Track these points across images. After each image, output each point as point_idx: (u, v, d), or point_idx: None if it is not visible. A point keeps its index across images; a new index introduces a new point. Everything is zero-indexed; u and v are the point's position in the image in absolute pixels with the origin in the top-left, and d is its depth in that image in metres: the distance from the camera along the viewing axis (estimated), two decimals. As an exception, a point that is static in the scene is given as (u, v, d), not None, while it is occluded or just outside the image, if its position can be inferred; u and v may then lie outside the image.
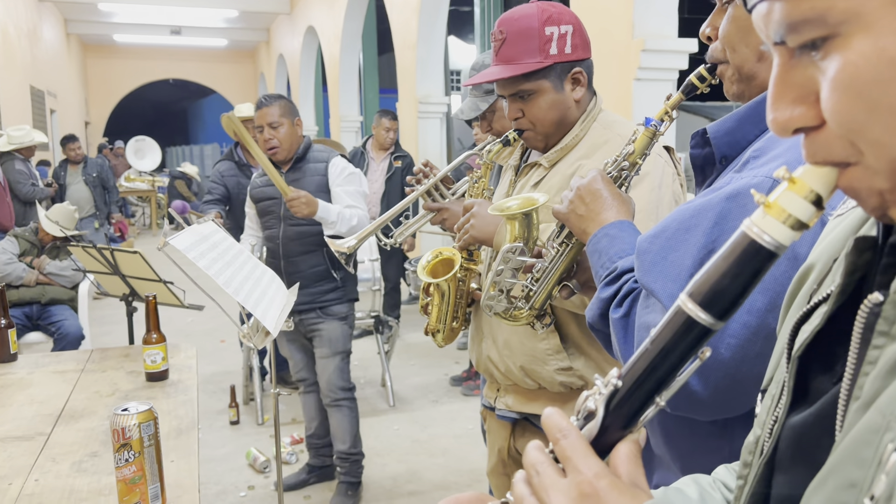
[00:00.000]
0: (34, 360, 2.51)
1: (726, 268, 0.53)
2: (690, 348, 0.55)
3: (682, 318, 0.55)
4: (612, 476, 0.54)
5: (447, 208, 2.05)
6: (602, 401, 0.57)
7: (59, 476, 1.62)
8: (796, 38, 0.47)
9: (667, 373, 0.56)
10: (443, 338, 1.78)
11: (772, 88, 0.51)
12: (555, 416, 0.58)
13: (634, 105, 3.93)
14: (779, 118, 0.50)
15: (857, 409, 0.47)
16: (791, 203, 0.50)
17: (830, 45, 0.46)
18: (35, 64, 11.14)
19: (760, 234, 0.51)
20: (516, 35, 1.54)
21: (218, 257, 1.87)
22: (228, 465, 3.56)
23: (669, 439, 1.10)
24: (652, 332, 0.57)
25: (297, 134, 2.94)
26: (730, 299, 0.53)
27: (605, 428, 0.57)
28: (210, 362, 5.16)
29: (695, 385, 0.93)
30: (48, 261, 4.47)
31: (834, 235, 0.62)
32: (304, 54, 12.47)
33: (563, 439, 0.56)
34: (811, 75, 0.48)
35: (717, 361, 0.91)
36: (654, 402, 0.57)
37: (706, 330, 0.54)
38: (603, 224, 1.17)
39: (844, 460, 0.46)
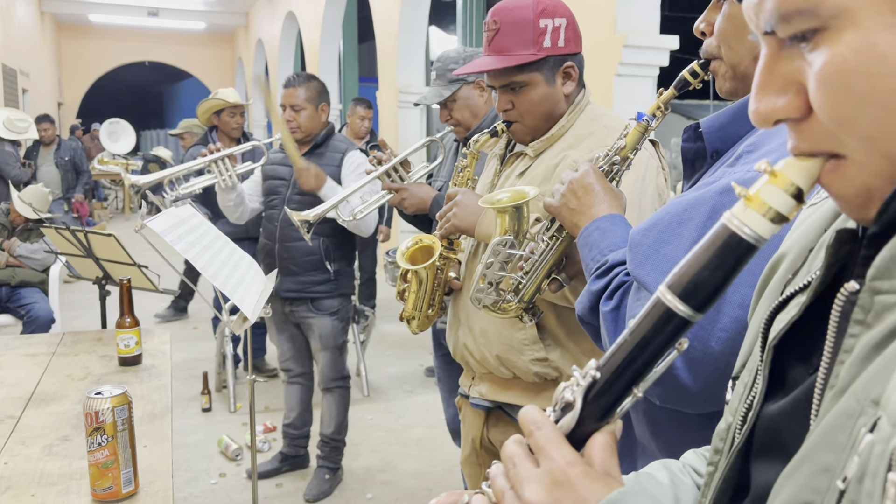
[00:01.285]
0: (3, 342, 2.46)
1: (706, 260, 0.53)
2: (669, 340, 0.56)
3: (660, 310, 0.55)
4: (584, 464, 0.55)
5: (406, 188, 2.10)
6: (580, 392, 0.58)
7: (30, 459, 1.59)
8: (787, 28, 0.48)
9: (645, 364, 0.57)
10: (417, 325, 1.78)
11: (757, 78, 0.51)
12: (531, 411, 0.59)
13: (615, 100, 3.94)
14: (762, 108, 0.51)
15: (833, 397, 0.48)
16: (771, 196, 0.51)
17: (821, 37, 0.46)
18: (7, 42, 10.90)
19: (741, 227, 0.52)
20: (510, 25, 1.53)
21: (196, 241, 1.85)
22: (200, 453, 3.53)
23: (656, 430, 1.11)
24: (630, 323, 0.57)
25: (319, 119, 2.91)
26: (709, 291, 0.54)
27: (583, 419, 0.58)
28: (182, 349, 5.10)
29: (685, 378, 0.94)
30: (19, 243, 4.38)
31: (808, 225, 0.63)
32: (283, 40, 12.33)
33: (537, 431, 0.57)
34: (798, 67, 0.49)
35: (707, 355, 0.92)
36: (631, 394, 0.58)
37: (684, 321, 0.55)
38: (594, 218, 1.17)
39: (818, 446, 0.47)
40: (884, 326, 0.45)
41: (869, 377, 0.44)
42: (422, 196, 2.10)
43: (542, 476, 0.55)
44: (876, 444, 0.40)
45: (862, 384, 0.45)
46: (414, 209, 2.12)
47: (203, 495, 3.14)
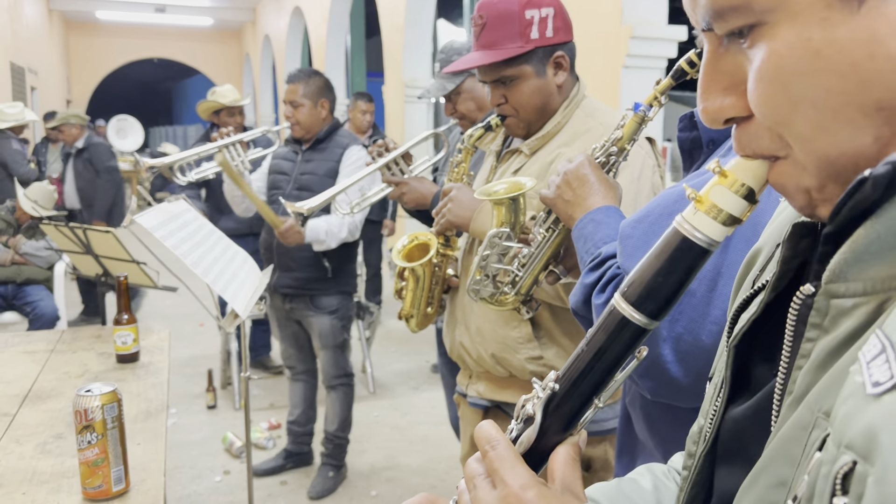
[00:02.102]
0: (4, 339, 2.45)
1: (659, 266, 0.52)
2: (626, 349, 0.54)
3: (616, 319, 0.54)
4: (539, 486, 0.53)
5: (406, 182, 2.07)
6: (540, 405, 0.57)
7: (23, 457, 1.58)
8: (723, 25, 0.46)
9: (603, 375, 0.55)
10: (416, 323, 1.76)
11: (701, 77, 0.49)
12: (486, 427, 0.58)
13: (622, 92, 3.90)
14: (709, 108, 0.49)
15: (790, 404, 0.46)
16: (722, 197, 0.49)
17: (757, 33, 0.44)
18: (15, 40, 10.94)
19: (692, 231, 0.50)
20: (496, 19, 1.51)
21: (187, 237, 1.82)
22: (204, 450, 3.52)
23: (652, 425, 1.10)
24: (588, 332, 0.56)
25: (318, 116, 2.88)
26: (663, 298, 0.52)
27: (544, 432, 0.57)
28: (188, 345, 5.10)
29: (675, 372, 0.92)
30: (24, 240, 4.38)
31: (782, 218, 0.60)
32: (290, 36, 12.32)
33: (491, 451, 0.56)
34: (740, 64, 0.47)
35: (698, 348, 0.91)
36: (592, 405, 0.57)
37: (641, 330, 0.53)
38: (589, 209, 1.16)
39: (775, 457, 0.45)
40: (840, 332, 0.43)
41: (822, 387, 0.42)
42: (422, 191, 2.07)
43: (497, 501, 0.54)
44: (823, 465, 0.38)
45: (816, 394, 0.43)
46: (413, 204, 2.09)
47: (207, 493, 3.12)
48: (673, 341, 0.92)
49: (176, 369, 4.35)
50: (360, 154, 2.92)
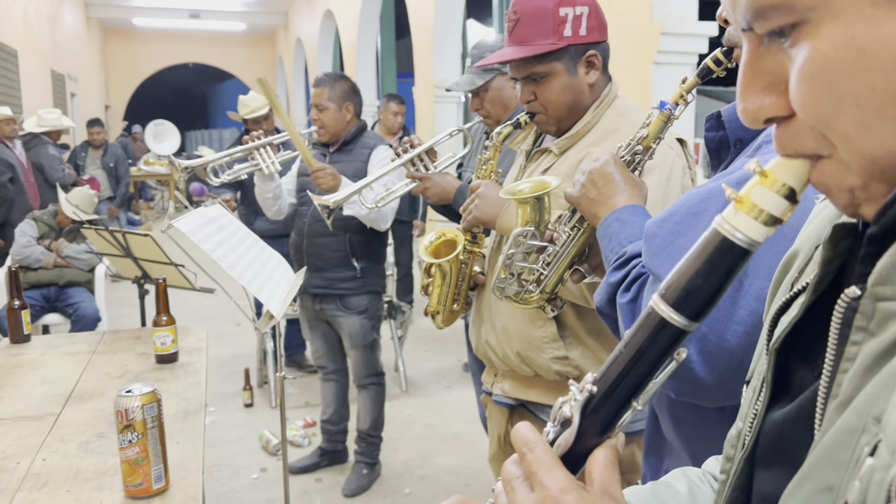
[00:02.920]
0: (47, 341, 2.53)
1: (698, 267, 0.51)
2: (665, 351, 0.54)
3: (655, 320, 0.53)
4: (578, 489, 0.53)
5: (429, 178, 2.09)
6: (577, 407, 0.56)
7: (67, 456, 1.63)
8: (764, 24, 0.45)
9: (642, 377, 0.55)
10: (442, 319, 1.77)
11: (741, 77, 0.49)
12: (523, 429, 0.57)
13: (653, 89, 3.87)
14: (748, 108, 0.48)
15: (836, 409, 0.45)
16: (762, 198, 0.48)
17: (799, 32, 0.44)
18: (56, 48, 11.21)
19: (732, 232, 0.49)
20: (530, 16, 1.51)
21: (223, 240, 1.87)
22: (242, 448, 3.58)
23: (679, 426, 1.10)
24: (626, 334, 0.56)
25: (343, 119, 2.93)
26: (703, 300, 0.52)
27: (582, 434, 0.56)
28: (226, 345, 5.19)
29: (701, 372, 0.92)
30: (66, 244, 4.50)
31: (819, 220, 0.60)
32: (321, 38, 12.44)
33: (529, 453, 0.55)
34: (781, 63, 0.46)
35: (723, 349, 0.90)
36: (630, 407, 0.56)
37: (680, 331, 0.53)
38: (614, 208, 1.16)
39: (821, 462, 0.44)
40: (888, 335, 0.43)
41: (871, 392, 0.42)
42: (445, 186, 2.09)
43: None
44: (876, 471, 0.38)
45: (864, 399, 0.42)
46: (437, 199, 2.11)
47: (244, 490, 3.18)
48: (698, 341, 0.92)
49: (213, 369, 4.44)
50: (387, 153, 2.95)
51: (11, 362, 2.28)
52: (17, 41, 8.83)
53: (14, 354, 2.36)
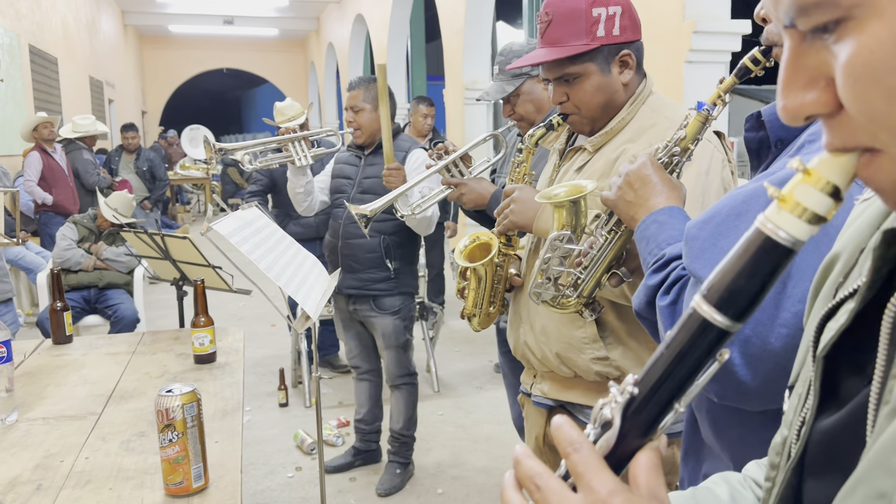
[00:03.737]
0: (89, 342, 2.59)
1: (741, 267, 0.50)
2: (708, 352, 0.53)
3: (697, 321, 0.52)
4: (626, 492, 0.52)
5: (465, 183, 2.09)
6: (618, 409, 0.55)
7: (108, 454, 1.66)
8: (807, 21, 0.45)
9: (684, 378, 0.54)
10: (478, 322, 1.78)
11: (782, 74, 0.48)
12: (565, 427, 0.56)
13: (685, 89, 3.84)
14: (789, 105, 0.48)
15: (887, 415, 0.45)
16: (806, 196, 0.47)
17: (844, 28, 0.43)
18: (94, 55, 11.46)
19: (775, 230, 0.48)
20: (562, 17, 1.51)
21: (260, 242, 1.90)
22: (277, 447, 3.63)
23: (719, 429, 1.08)
24: (667, 335, 0.55)
25: (378, 120, 2.94)
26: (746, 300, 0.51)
27: (623, 437, 0.55)
28: (261, 346, 5.26)
29: (743, 375, 0.91)
30: (105, 247, 4.60)
31: (860, 223, 0.59)
32: (352, 42, 12.53)
33: (575, 453, 0.54)
34: (823, 60, 0.46)
35: (766, 351, 0.89)
36: (672, 409, 0.55)
37: (723, 332, 0.52)
38: (652, 210, 1.15)
39: (873, 469, 0.44)
40: None
41: None
42: (480, 191, 2.10)
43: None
44: None
45: None
46: (473, 204, 2.11)
47: (280, 489, 3.22)
48: (741, 345, 0.91)
49: (249, 369, 4.50)
50: (422, 156, 2.97)
51: (54, 363, 2.34)
52: (57, 49, 9.05)
53: (57, 355, 2.42)
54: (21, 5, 7.72)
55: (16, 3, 7.52)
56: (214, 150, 2.67)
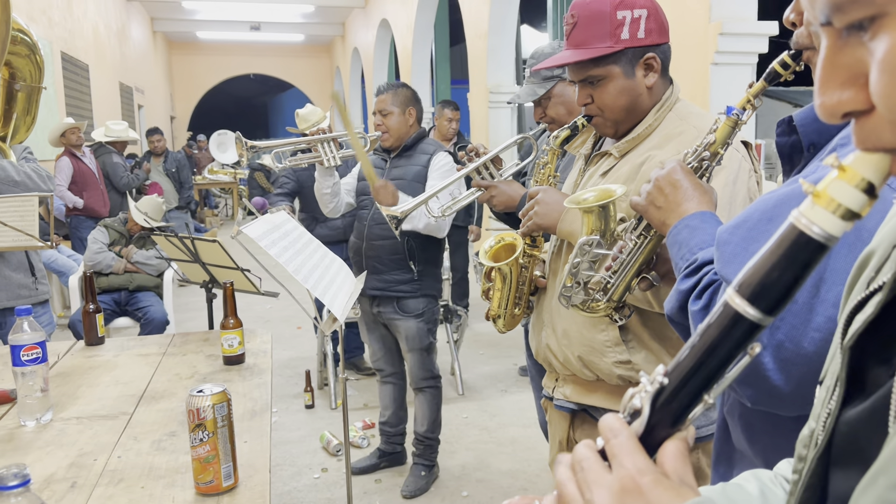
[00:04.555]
0: (120, 343, 2.63)
1: (774, 261, 0.51)
2: (739, 344, 0.54)
3: (729, 314, 0.53)
4: (656, 473, 0.54)
5: (495, 186, 2.10)
6: (648, 399, 0.57)
7: (140, 454, 1.69)
8: (843, 17, 0.45)
9: (715, 370, 0.55)
10: (504, 323, 1.78)
11: (819, 72, 0.49)
12: (609, 419, 0.58)
13: (712, 91, 3.82)
14: (826, 102, 0.48)
15: None
16: (840, 192, 0.48)
17: (879, 24, 0.44)
18: (124, 61, 11.66)
19: (809, 226, 0.49)
20: (587, 19, 1.52)
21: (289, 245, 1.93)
22: (303, 448, 3.66)
23: (752, 435, 1.08)
24: (699, 327, 0.56)
25: (406, 123, 3.00)
26: (779, 293, 0.51)
27: (652, 426, 0.56)
28: (287, 348, 5.31)
29: (777, 380, 0.91)
30: (135, 250, 4.68)
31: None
32: (377, 47, 12.61)
33: (614, 438, 0.56)
34: (860, 57, 0.46)
35: (800, 356, 0.89)
36: (702, 400, 0.56)
37: (754, 325, 0.52)
38: (683, 215, 1.15)
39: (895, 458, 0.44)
40: None
41: None
42: (510, 194, 2.11)
43: (612, 482, 0.54)
44: None
45: None
46: (503, 207, 2.12)
47: (306, 489, 3.25)
48: (774, 349, 0.90)
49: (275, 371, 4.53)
50: (447, 159, 3.00)
51: (87, 363, 2.39)
52: (88, 56, 9.22)
53: (89, 356, 2.47)
54: (53, 13, 7.88)
55: (48, 11, 7.68)
56: (246, 147, 2.73)
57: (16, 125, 3.30)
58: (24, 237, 2.87)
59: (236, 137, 2.79)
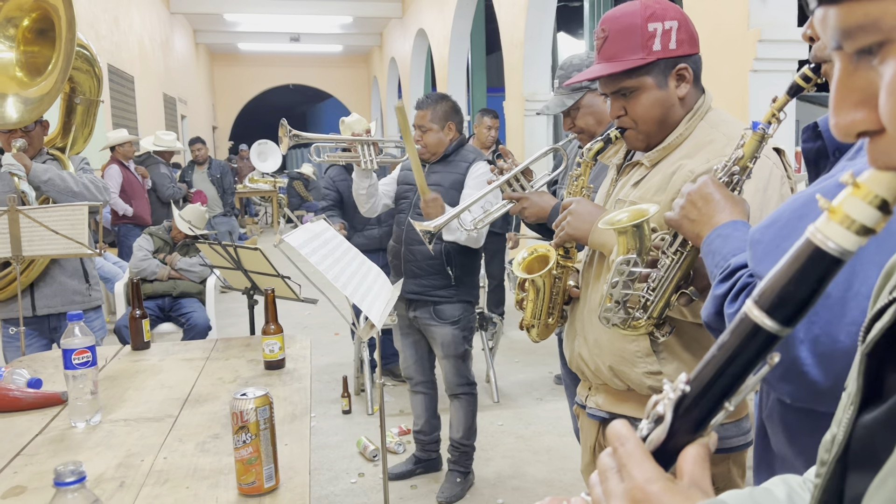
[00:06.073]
0: (165, 348, 2.71)
1: (791, 274, 0.53)
2: (757, 355, 0.56)
3: (748, 325, 0.55)
4: (664, 480, 0.56)
5: (527, 197, 2.12)
6: (670, 405, 0.59)
7: (185, 455, 1.74)
8: (852, 43, 0.48)
9: (734, 379, 0.57)
10: (537, 333, 1.80)
11: (833, 93, 0.51)
12: (617, 426, 0.61)
13: (750, 98, 3.79)
14: (841, 122, 0.50)
15: None
16: (855, 208, 0.50)
17: (887, 50, 0.46)
18: (168, 73, 11.94)
19: (824, 241, 0.51)
20: (618, 32, 1.53)
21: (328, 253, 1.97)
22: (340, 453, 3.71)
23: (792, 436, 1.08)
24: (720, 338, 0.58)
25: (444, 139, 3.04)
26: (795, 306, 0.53)
27: (674, 432, 0.58)
28: (325, 354, 5.38)
29: (815, 375, 0.92)
30: (179, 257, 4.80)
31: None
32: (414, 57, 12.71)
33: (621, 447, 0.59)
34: (871, 79, 0.48)
35: (837, 350, 0.90)
36: (723, 408, 0.58)
37: (772, 336, 0.54)
38: (716, 226, 1.18)
39: None
40: None
41: None
42: (542, 205, 2.12)
43: (624, 493, 0.57)
44: None
45: None
46: (534, 218, 2.14)
47: (343, 494, 3.30)
48: (811, 343, 0.92)
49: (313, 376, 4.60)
50: (485, 169, 3.02)
51: (133, 367, 2.46)
52: (133, 68, 9.48)
53: (135, 360, 2.55)
54: (101, 27, 8.12)
55: (96, 25, 7.92)
56: (290, 134, 2.81)
57: (74, 136, 3.44)
58: (74, 245, 2.97)
59: (281, 124, 2.89)
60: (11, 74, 3.08)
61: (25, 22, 3.11)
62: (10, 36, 3.09)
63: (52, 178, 3.06)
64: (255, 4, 12.77)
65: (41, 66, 3.08)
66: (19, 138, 3.08)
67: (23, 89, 3.07)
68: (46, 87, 3.01)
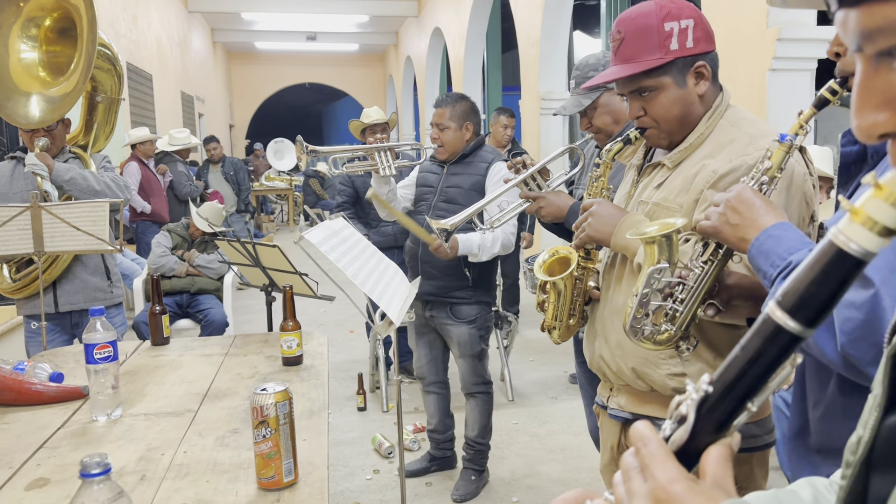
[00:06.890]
0: (184, 343, 2.74)
1: (813, 276, 0.53)
2: (780, 355, 0.56)
3: (770, 326, 0.55)
4: (686, 480, 0.56)
5: (543, 197, 2.11)
6: (693, 406, 0.59)
7: (205, 449, 1.76)
8: (872, 45, 0.48)
9: (757, 380, 0.57)
10: (559, 335, 1.79)
11: (855, 95, 0.52)
12: (640, 426, 0.61)
13: (769, 97, 3.76)
14: (862, 124, 0.51)
15: None
16: (877, 209, 0.50)
17: None
18: (185, 71, 12.03)
19: (847, 242, 0.51)
20: (634, 34, 1.53)
21: (347, 251, 1.99)
22: (356, 449, 3.73)
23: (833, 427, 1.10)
24: (743, 338, 0.58)
25: (462, 138, 3.04)
26: (818, 307, 0.54)
27: (696, 432, 0.59)
28: (340, 351, 5.40)
29: None
30: (197, 254, 4.84)
31: None
32: (430, 55, 12.73)
33: (643, 447, 0.59)
34: (892, 81, 0.49)
35: None
36: (745, 408, 0.58)
37: (795, 337, 0.55)
38: (762, 228, 1.20)
39: None
40: None
41: None
42: (559, 204, 2.12)
43: (647, 494, 0.57)
44: None
45: None
46: (551, 217, 2.14)
47: (358, 490, 3.32)
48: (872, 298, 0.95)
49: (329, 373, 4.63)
50: (504, 169, 3.02)
51: (153, 363, 2.49)
52: (152, 66, 9.55)
53: (155, 356, 2.57)
54: (120, 25, 8.20)
55: (115, 24, 7.99)
56: (306, 151, 2.83)
57: (96, 135, 3.48)
58: (95, 241, 3.01)
59: (297, 141, 2.90)
60: (34, 74, 3.12)
61: (47, 22, 3.15)
62: (33, 36, 3.13)
63: (74, 177, 3.10)
64: (272, 3, 12.83)
65: (63, 66, 3.12)
66: (42, 137, 3.12)
67: (46, 89, 3.11)
68: (69, 87, 3.05)
